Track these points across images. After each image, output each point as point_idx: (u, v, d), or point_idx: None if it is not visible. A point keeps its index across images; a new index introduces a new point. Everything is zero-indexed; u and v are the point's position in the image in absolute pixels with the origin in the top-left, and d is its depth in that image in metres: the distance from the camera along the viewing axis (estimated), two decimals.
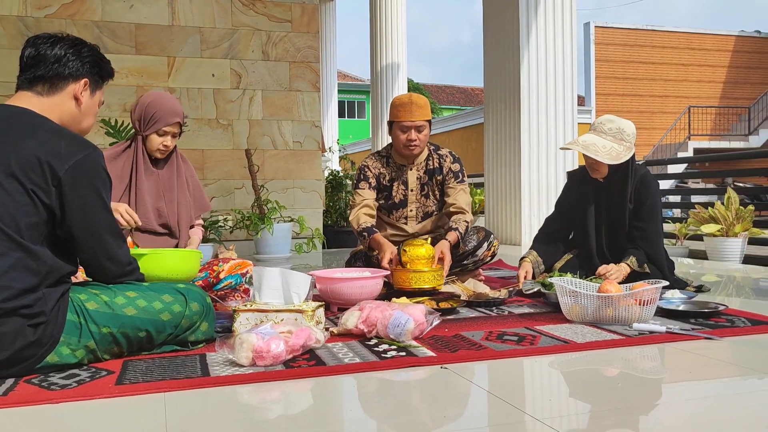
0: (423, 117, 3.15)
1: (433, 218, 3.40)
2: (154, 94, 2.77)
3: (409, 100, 3.15)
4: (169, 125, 2.66)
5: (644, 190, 3.02)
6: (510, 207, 6.35)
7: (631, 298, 2.36)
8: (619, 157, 2.92)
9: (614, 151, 2.92)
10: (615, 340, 2.15)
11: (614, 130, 2.97)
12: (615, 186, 3.07)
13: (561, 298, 2.47)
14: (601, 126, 3.00)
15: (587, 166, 3.09)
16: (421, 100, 3.16)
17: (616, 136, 2.96)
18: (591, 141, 2.97)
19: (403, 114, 3.13)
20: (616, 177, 3.04)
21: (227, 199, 5.61)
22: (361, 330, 2.21)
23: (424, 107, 3.16)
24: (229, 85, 5.62)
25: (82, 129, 2.03)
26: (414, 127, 3.14)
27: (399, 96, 3.23)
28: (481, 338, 2.19)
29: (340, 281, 2.68)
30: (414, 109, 3.13)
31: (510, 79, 6.29)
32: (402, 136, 3.16)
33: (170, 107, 2.67)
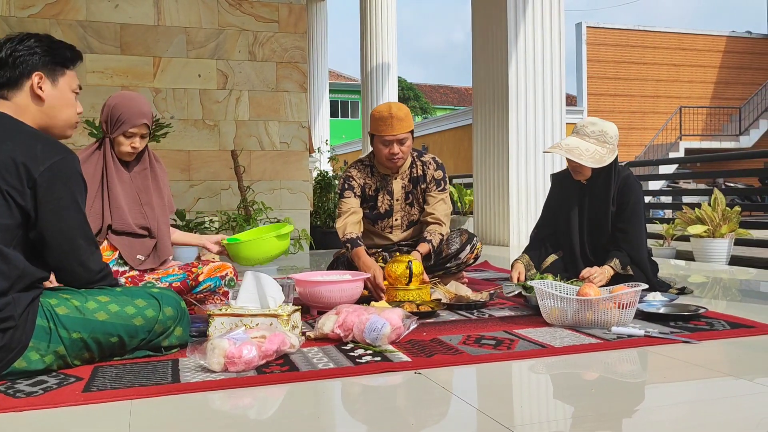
0: (404, 129, 3.08)
1: (418, 226, 3.38)
2: (120, 94, 2.70)
3: (389, 113, 3.05)
4: (136, 127, 2.62)
5: (627, 191, 3.01)
6: (498, 208, 6.34)
7: (610, 301, 2.35)
8: (603, 160, 2.92)
9: (598, 154, 2.92)
10: (592, 344, 2.13)
11: (597, 133, 2.96)
12: (598, 188, 3.06)
13: (541, 301, 2.46)
14: (584, 129, 3.00)
15: (570, 169, 3.09)
16: (401, 112, 3.07)
17: (599, 138, 2.95)
18: (574, 144, 2.96)
19: (384, 128, 3.07)
20: (599, 179, 3.04)
21: (213, 200, 5.58)
22: (337, 334, 2.19)
23: (404, 119, 3.08)
24: (216, 85, 5.59)
25: (63, 123, 1.94)
26: (396, 140, 3.09)
27: (379, 108, 3.13)
28: (458, 342, 2.18)
29: (319, 284, 2.66)
30: (394, 123, 3.05)
31: (498, 79, 6.28)
32: (384, 149, 3.12)
33: (137, 108, 2.62)
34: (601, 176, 3.03)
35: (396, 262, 2.93)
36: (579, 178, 3.07)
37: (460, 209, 9.25)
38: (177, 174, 5.49)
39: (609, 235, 3.05)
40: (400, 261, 2.93)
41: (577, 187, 3.13)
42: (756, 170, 10.04)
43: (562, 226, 3.19)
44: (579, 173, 3.04)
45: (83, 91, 5.17)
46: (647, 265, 3.05)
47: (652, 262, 3.18)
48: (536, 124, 6.20)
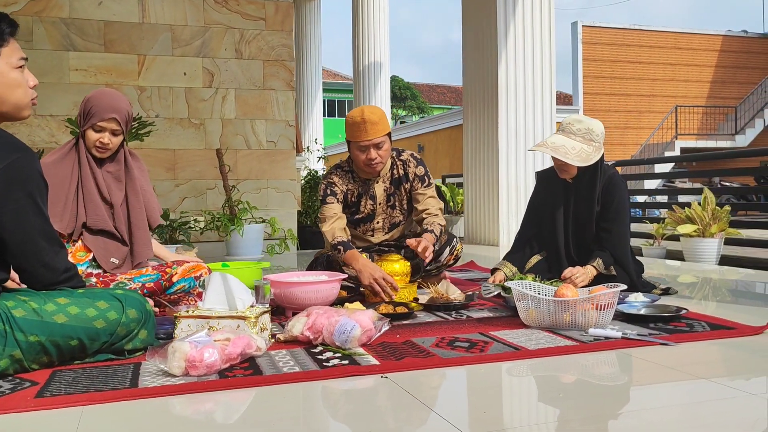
0: (379, 133, 2.99)
1: (400, 227, 3.33)
2: (99, 90, 2.66)
3: (362, 118, 2.97)
4: (105, 120, 2.55)
5: (612, 190, 2.97)
6: (488, 207, 6.29)
7: (588, 302, 2.30)
8: (589, 159, 2.87)
9: (584, 153, 2.87)
10: (568, 347, 2.08)
11: (583, 131, 2.92)
12: (583, 186, 3.02)
13: (518, 302, 2.40)
14: (570, 127, 2.95)
15: (556, 167, 3.04)
16: (374, 116, 2.98)
17: (585, 136, 2.91)
18: (560, 142, 2.91)
19: (358, 134, 2.99)
20: (584, 177, 2.99)
21: (199, 199, 5.52)
22: (307, 337, 2.14)
23: (378, 123, 2.99)
24: (202, 83, 5.53)
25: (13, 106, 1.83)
26: (372, 145, 3.01)
27: (351, 113, 3.05)
28: (431, 345, 2.13)
29: (294, 285, 2.60)
30: (368, 127, 2.97)
31: (488, 77, 6.23)
32: (362, 155, 3.04)
33: (109, 102, 2.56)
34: (587, 175, 2.98)
35: (386, 260, 2.89)
36: (565, 176, 3.02)
37: (453, 209, 9.20)
38: (162, 173, 5.43)
39: (593, 235, 3.00)
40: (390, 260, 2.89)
41: (563, 185, 3.09)
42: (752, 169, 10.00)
43: (547, 225, 3.14)
44: (565, 171, 2.99)
45: (65, 90, 5.13)
46: (630, 265, 3.00)
47: (636, 263, 3.13)
48: (526, 122, 6.15)
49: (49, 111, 5.15)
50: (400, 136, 24.08)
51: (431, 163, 21.12)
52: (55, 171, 2.59)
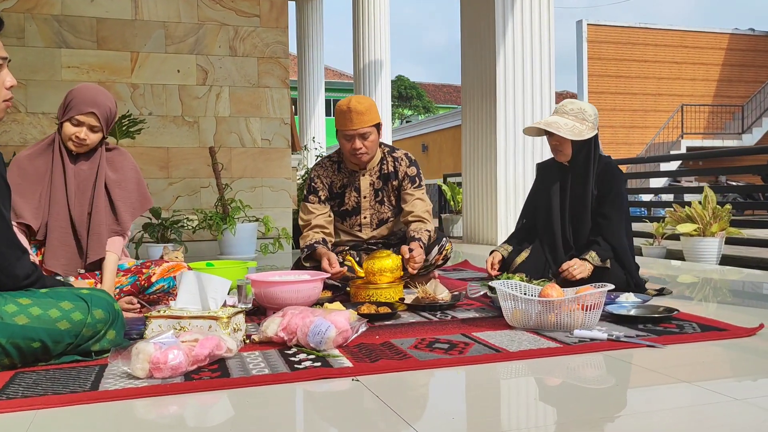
0: (365, 123, 2.96)
1: (389, 224, 3.27)
2: (84, 84, 2.60)
3: (348, 107, 2.94)
4: (83, 114, 2.49)
5: (609, 177, 2.98)
6: (486, 206, 6.22)
7: (574, 303, 2.22)
8: (582, 134, 2.90)
9: (576, 129, 2.91)
10: (551, 349, 2.01)
11: (576, 111, 2.97)
12: (579, 169, 3.02)
13: (502, 302, 2.33)
14: (563, 108, 3.01)
15: (552, 150, 3.05)
16: (361, 106, 2.94)
17: (578, 116, 2.95)
18: (553, 120, 2.96)
19: (344, 122, 2.97)
20: (579, 158, 2.99)
21: (193, 198, 5.47)
22: (281, 338, 2.07)
23: (365, 113, 2.95)
24: (195, 81, 5.47)
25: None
26: (357, 135, 2.98)
27: (340, 102, 3.02)
28: (409, 346, 2.06)
29: (273, 285, 2.54)
30: (353, 116, 2.94)
31: (486, 74, 6.15)
32: (347, 144, 3.02)
33: (89, 96, 2.50)
34: (581, 155, 2.98)
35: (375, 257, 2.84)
36: (561, 158, 3.03)
37: (454, 208, 9.12)
38: (156, 171, 5.38)
39: (590, 223, 2.99)
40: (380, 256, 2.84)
41: (560, 170, 3.09)
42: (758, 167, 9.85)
43: (543, 211, 3.12)
44: (560, 152, 3.00)
45: (57, 88, 5.08)
46: (628, 257, 2.94)
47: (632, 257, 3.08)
48: (525, 120, 6.07)
49: (41, 108, 5.11)
50: (404, 136, 24.00)
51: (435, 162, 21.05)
52: (31, 165, 2.54)
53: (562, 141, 2.95)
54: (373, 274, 2.82)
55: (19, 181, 2.50)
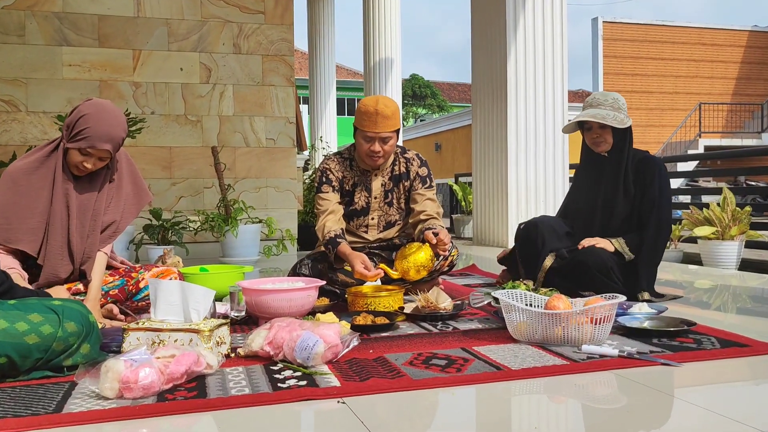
0: (389, 128, 2.87)
1: (396, 228, 3.14)
2: (99, 106, 2.32)
3: (375, 109, 2.83)
4: (95, 149, 2.33)
5: (648, 171, 2.92)
6: (497, 208, 6.06)
7: (582, 315, 2.07)
8: (624, 122, 2.87)
9: (618, 117, 2.89)
10: (556, 366, 1.86)
11: (610, 101, 2.95)
12: (614, 159, 2.98)
13: (506, 314, 2.18)
14: (596, 100, 2.97)
15: (591, 143, 3.01)
16: (388, 110, 2.85)
17: (614, 105, 2.95)
18: (595, 112, 2.91)
19: (368, 124, 2.86)
20: (617, 149, 2.97)
21: (196, 198, 5.36)
22: (267, 352, 1.94)
23: (391, 117, 2.86)
24: (199, 79, 5.36)
25: None
26: (378, 138, 2.87)
27: (365, 101, 2.90)
28: (404, 362, 1.91)
29: (264, 293, 2.41)
30: (379, 120, 2.84)
31: (497, 73, 5.99)
32: (365, 145, 2.91)
33: (106, 130, 2.28)
34: (618, 144, 2.95)
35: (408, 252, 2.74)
36: (602, 149, 2.98)
37: (465, 208, 8.96)
38: (158, 171, 5.28)
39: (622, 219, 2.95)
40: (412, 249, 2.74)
41: (596, 164, 3.03)
42: None
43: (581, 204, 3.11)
44: (602, 143, 2.94)
45: (58, 86, 4.98)
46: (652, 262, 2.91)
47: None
48: (536, 120, 5.90)
49: (42, 107, 5.02)
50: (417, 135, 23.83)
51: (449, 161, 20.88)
52: (26, 180, 2.31)
53: (604, 132, 2.92)
54: (408, 272, 2.73)
55: (13, 198, 2.29)
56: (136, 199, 2.62)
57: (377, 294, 2.66)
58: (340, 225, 2.97)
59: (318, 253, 3.17)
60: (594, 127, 2.91)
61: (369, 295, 2.65)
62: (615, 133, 2.90)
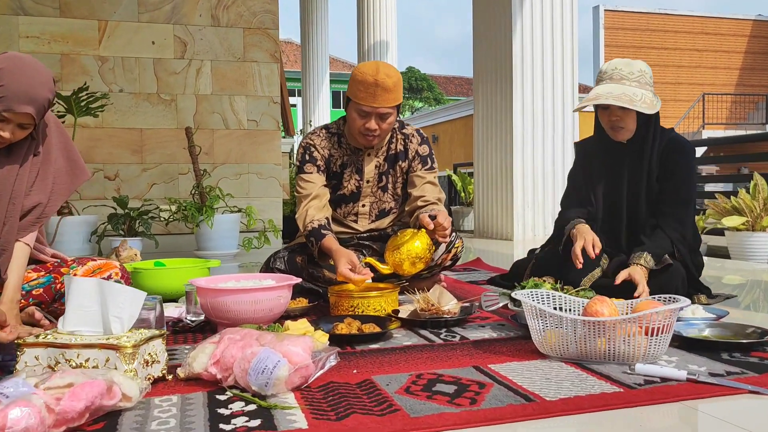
0: (388, 103, 2.35)
1: (390, 217, 2.65)
2: (17, 59, 1.83)
3: (375, 80, 2.31)
4: (12, 112, 1.80)
5: (674, 155, 2.35)
6: (501, 197, 5.56)
7: (633, 323, 1.57)
8: (654, 105, 2.26)
9: (648, 98, 2.25)
10: (607, 396, 1.36)
11: (636, 74, 2.29)
12: (637, 146, 2.38)
13: (530, 321, 1.68)
14: (619, 72, 2.30)
15: (609, 128, 2.37)
16: (389, 80, 2.32)
17: (641, 80, 2.29)
18: (618, 91, 2.25)
19: (364, 96, 2.34)
20: (639, 135, 2.36)
21: (170, 186, 4.84)
22: (212, 375, 1.44)
23: (392, 90, 2.34)
24: (173, 54, 4.84)
25: None
26: (376, 113, 2.37)
27: (362, 68, 2.37)
28: (399, 389, 1.41)
29: (221, 294, 1.90)
30: (379, 93, 2.32)
31: (501, 51, 5.48)
32: (359, 121, 2.40)
33: (26, 88, 1.76)
34: (641, 131, 2.35)
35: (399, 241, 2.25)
36: (621, 137, 2.37)
37: (464, 200, 8.46)
38: (127, 156, 4.76)
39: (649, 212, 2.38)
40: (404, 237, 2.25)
41: (614, 152, 2.43)
42: None
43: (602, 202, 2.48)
44: (622, 129, 2.33)
45: None
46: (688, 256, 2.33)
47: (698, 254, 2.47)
48: (544, 101, 5.40)
49: None
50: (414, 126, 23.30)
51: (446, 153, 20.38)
52: None
53: (626, 115, 2.29)
54: (402, 265, 2.26)
55: None
56: (69, 177, 2.10)
57: (366, 294, 2.15)
58: (326, 213, 2.47)
59: (297, 244, 2.67)
60: (613, 108, 2.29)
61: (355, 296, 2.14)
62: (639, 116, 2.30)
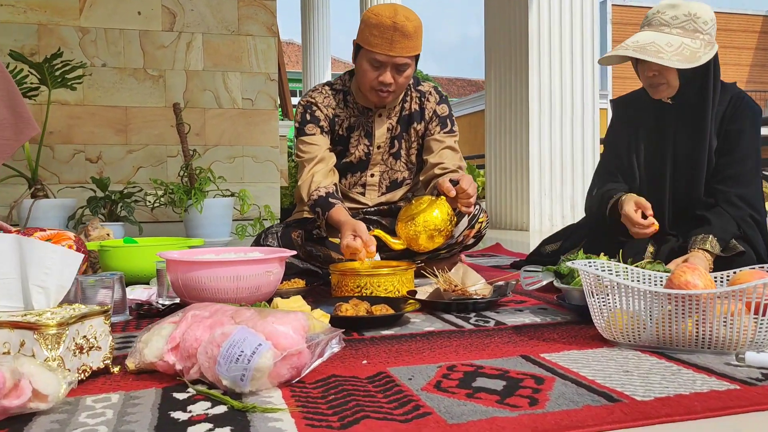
0: (407, 51, 1.97)
1: (403, 189, 2.27)
2: None
3: (393, 23, 1.92)
4: None
5: (738, 115, 1.91)
6: (515, 184, 5.16)
7: (735, 299, 1.18)
8: (696, 57, 1.81)
9: (687, 50, 1.81)
10: (720, 394, 0.97)
11: (681, 19, 1.85)
12: (689, 107, 1.95)
13: (591, 299, 1.29)
14: (660, 17, 1.88)
15: (647, 85, 1.97)
16: (410, 24, 1.94)
17: (686, 26, 1.85)
18: (647, 39, 1.86)
19: (379, 43, 1.94)
20: (689, 93, 1.92)
21: (158, 169, 4.46)
22: (170, 365, 1.05)
23: (413, 36, 1.96)
24: (161, 26, 4.46)
25: None
26: (392, 64, 1.97)
27: (377, 10, 1.97)
28: (426, 385, 1.03)
29: (196, 267, 1.51)
30: (396, 38, 1.93)
31: (516, 25, 5.09)
32: (371, 73, 2.00)
33: None
34: (694, 86, 1.91)
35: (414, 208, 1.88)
36: (661, 95, 1.96)
37: None
38: (111, 136, 4.38)
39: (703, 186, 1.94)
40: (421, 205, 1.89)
41: (656, 109, 2.02)
42: None
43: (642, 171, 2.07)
44: (661, 85, 1.91)
45: None
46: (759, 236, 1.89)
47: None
48: (563, 79, 5.00)
49: None
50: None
51: None
52: None
53: (664, 69, 1.89)
54: (417, 239, 1.89)
55: None
56: (13, 131, 1.74)
57: (376, 271, 1.76)
58: (333, 179, 2.09)
59: (294, 219, 2.29)
60: (650, 63, 1.89)
61: (363, 274, 1.75)
62: (682, 72, 1.88)
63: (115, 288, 1.55)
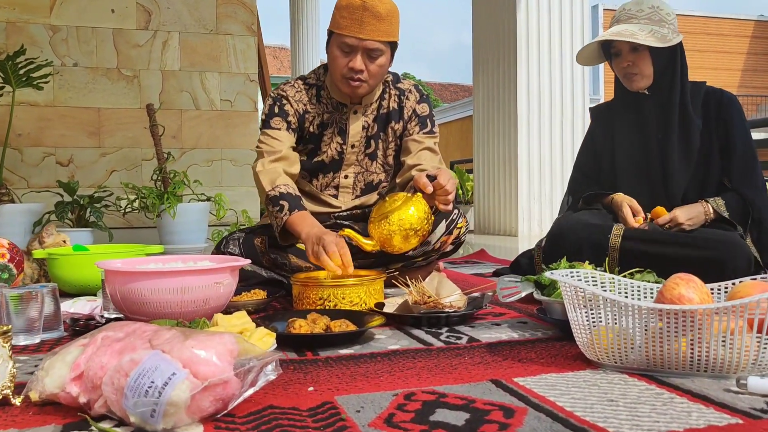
0: (379, 34, 1.81)
1: (378, 191, 2.11)
2: None
3: (362, 1, 1.78)
4: None
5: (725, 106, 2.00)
6: (503, 189, 5.02)
7: (735, 315, 1.03)
8: (667, 40, 1.90)
9: (657, 33, 1.92)
10: (715, 430, 0.82)
11: (647, 11, 1.98)
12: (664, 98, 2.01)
13: (572, 313, 1.14)
14: (627, 13, 2.02)
15: (623, 77, 2.03)
16: (381, 6, 1.79)
17: (652, 17, 1.96)
18: (622, 29, 1.95)
19: (348, 24, 1.80)
20: (664, 83, 1.99)
21: (132, 173, 4.29)
22: (73, 397, 0.89)
23: (385, 18, 1.80)
24: (135, 24, 4.30)
25: None
26: (363, 48, 1.82)
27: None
28: (377, 417, 0.88)
29: (136, 278, 1.36)
30: (367, 19, 1.78)
31: (503, 25, 4.96)
32: (342, 60, 1.85)
33: None
34: (666, 76, 1.98)
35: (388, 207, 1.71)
36: (638, 85, 2.01)
37: (461, 197, 7.92)
38: (83, 139, 4.21)
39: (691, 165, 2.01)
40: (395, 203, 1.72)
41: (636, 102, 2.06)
42: None
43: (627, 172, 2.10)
44: (636, 75, 1.99)
45: None
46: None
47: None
48: (552, 81, 4.87)
49: None
50: None
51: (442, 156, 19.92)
52: None
53: (638, 59, 1.96)
54: (391, 239, 1.69)
55: None
56: None
57: (340, 282, 1.60)
58: (294, 177, 1.94)
59: (259, 225, 2.13)
60: (623, 52, 1.98)
61: (326, 284, 1.60)
62: (656, 59, 1.95)
63: (45, 301, 1.39)
